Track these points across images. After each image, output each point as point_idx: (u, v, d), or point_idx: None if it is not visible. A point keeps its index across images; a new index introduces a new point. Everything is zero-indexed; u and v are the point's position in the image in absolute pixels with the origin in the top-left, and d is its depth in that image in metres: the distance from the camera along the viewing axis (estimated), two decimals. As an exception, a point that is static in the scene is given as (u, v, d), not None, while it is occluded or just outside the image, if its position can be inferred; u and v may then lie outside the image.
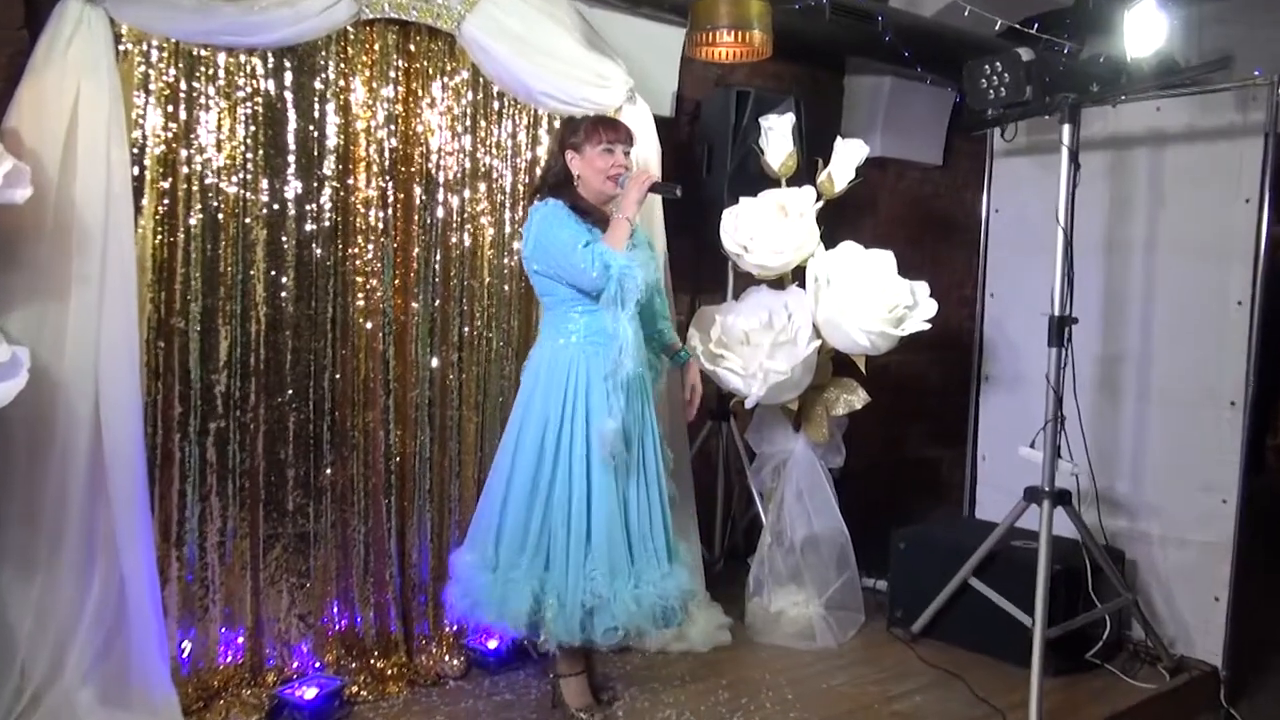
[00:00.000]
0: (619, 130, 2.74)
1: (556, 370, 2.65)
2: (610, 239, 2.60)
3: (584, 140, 2.72)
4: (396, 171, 3.12)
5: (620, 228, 2.61)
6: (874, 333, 3.32)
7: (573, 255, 2.56)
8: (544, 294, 2.72)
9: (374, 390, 3.11)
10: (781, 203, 3.45)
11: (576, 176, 2.73)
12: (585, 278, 2.57)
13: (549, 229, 2.63)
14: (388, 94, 3.08)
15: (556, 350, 2.67)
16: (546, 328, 2.74)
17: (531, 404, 2.68)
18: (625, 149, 2.74)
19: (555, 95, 3.21)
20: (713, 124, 3.84)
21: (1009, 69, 3.23)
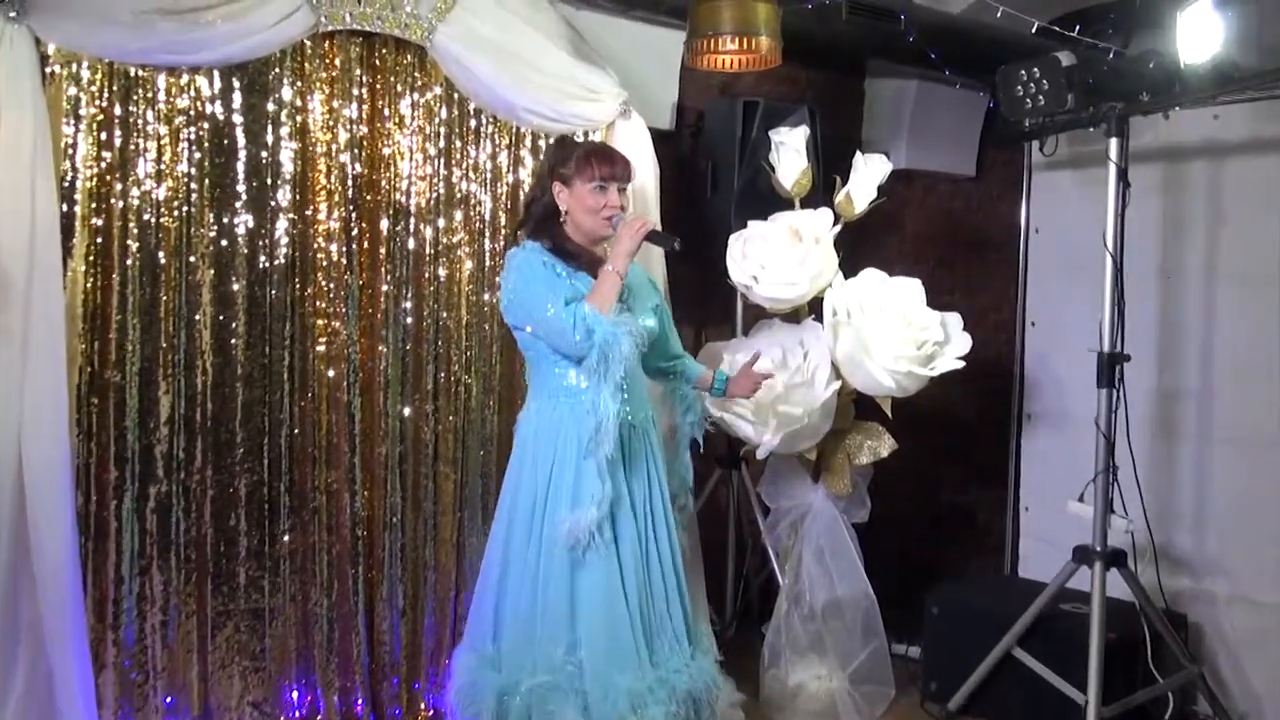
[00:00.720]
0: (615, 164, 2.62)
1: (544, 435, 2.56)
2: (595, 296, 2.49)
3: (574, 173, 2.62)
4: (361, 200, 3.08)
5: (607, 283, 2.50)
6: (900, 373, 3.25)
7: (549, 315, 2.48)
8: (525, 348, 2.64)
9: (337, 446, 3.06)
10: (795, 227, 3.39)
11: (564, 212, 2.64)
12: (564, 341, 2.48)
13: (524, 281, 2.54)
14: (350, 114, 3.04)
15: (544, 412, 2.59)
16: (534, 386, 2.66)
17: (521, 476, 2.59)
18: (621, 186, 2.63)
19: (539, 111, 3.16)
20: (717, 137, 3.80)
21: (1048, 75, 3.16)
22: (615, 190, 2.61)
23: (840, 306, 3.33)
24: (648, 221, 2.61)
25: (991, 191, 4.85)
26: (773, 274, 3.34)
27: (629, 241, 2.55)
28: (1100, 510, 3.09)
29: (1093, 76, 3.11)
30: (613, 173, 2.61)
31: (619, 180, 2.61)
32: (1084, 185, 3.71)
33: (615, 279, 2.51)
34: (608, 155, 2.65)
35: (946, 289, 4.59)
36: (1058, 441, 3.82)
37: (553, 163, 2.67)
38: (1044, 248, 3.92)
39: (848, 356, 3.30)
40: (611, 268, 2.52)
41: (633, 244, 2.55)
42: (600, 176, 2.59)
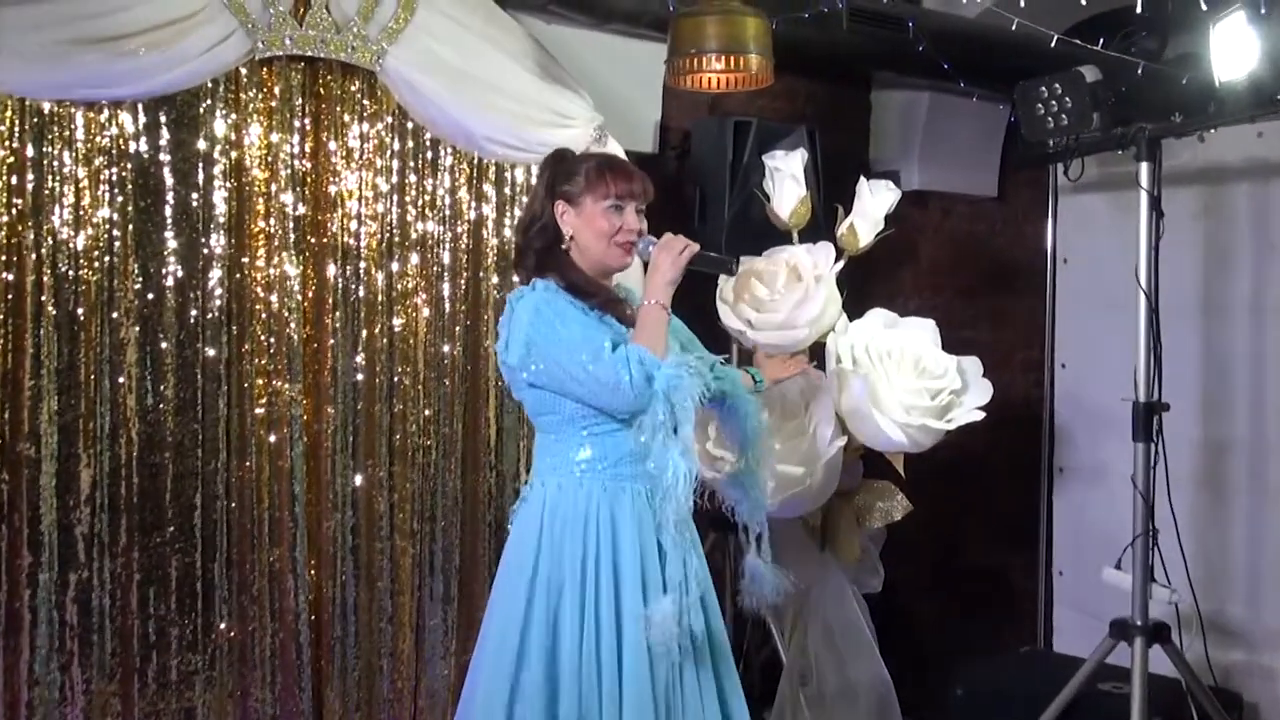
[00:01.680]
0: (633, 179, 2.46)
1: (566, 519, 2.36)
2: (643, 337, 2.31)
3: (583, 190, 2.44)
4: (305, 244, 3.11)
5: (654, 320, 2.33)
6: (913, 426, 3.25)
7: (593, 364, 2.28)
8: (540, 412, 2.43)
9: (280, 521, 3.07)
10: (793, 264, 3.41)
11: (569, 238, 2.45)
12: (616, 395, 2.28)
13: (547, 326, 2.33)
14: (291, 148, 3.07)
15: (562, 491, 2.38)
16: (544, 459, 2.45)
17: (537, 569, 2.35)
18: (640, 206, 2.47)
19: (503, 140, 3.20)
20: (706, 160, 3.82)
21: (1070, 92, 3.21)
22: (633, 210, 2.45)
23: (845, 353, 3.32)
24: (689, 242, 2.43)
25: (1016, 213, 4.89)
26: (769, 320, 3.35)
27: (671, 269, 2.38)
28: (1139, 579, 3.10)
29: (1119, 94, 3.15)
30: (630, 189, 2.44)
31: (637, 199, 2.46)
32: (1117, 210, 3.75)
33: (661, 315, 2.35)
34: (624, 169, 2.50)
35: (967, 322, 4.62)
36: (1093, 498, 3.84)
37: (553, 179, 2.48)
38: (1074, 279, 3.95)
39: (854, 409, 3.30)
40: (653, 300, 2.35)
41: (675, 271, 2.39)
42: (616, 194, 2.42)
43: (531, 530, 2.39)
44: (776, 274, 3.39)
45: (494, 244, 3.41)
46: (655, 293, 2.37)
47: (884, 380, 3.28)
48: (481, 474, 3.38)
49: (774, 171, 3.51)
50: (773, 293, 3.37)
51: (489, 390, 3.40)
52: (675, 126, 3.98)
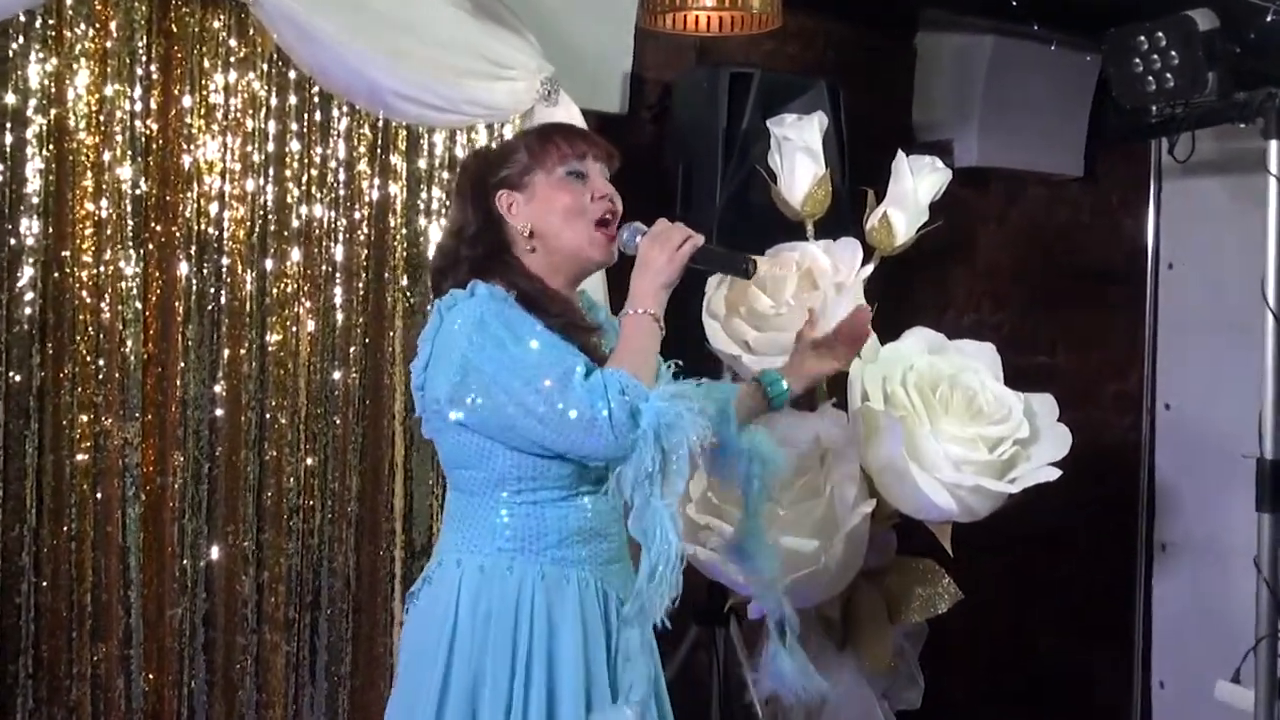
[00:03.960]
0: (586, 137, 2.50)
1: (490, 614, 2.35)
2: (626, 357, 2.30)
3: (527, 166, 2.44)
4: (148, 234, 3.10)
5: (641, 334, 2.32)
6: (964, 488, 3.26)
7: (561, 393, 2.24)
8: (459, 464, 2.40)
9: (108, 607, 3.05)
10: (807, 265, 3.42)
11: (528, 235, 2.43)
12: (590, 436, 2.24)
13: (494, 344, 2.28)
14: (131, 105, 3.06)
15: (485, 576, 2.37)
16: (460, 529, 2.43)
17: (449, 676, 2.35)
18: (604, 168, 2.48)
19: (418, 96, 3.21)
20: (691, 126, 3.84)
21: (1177, 44, 3.23)
22: (599, 173, 2.46)
23: (874, 388, 3.32)
24: (693, 234, 2.41)
25: (1107, 200, 4.90)
26: (773, 339, 3.35)
27: (667, 268, 2.36)
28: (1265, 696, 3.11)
29: (1242, 47, 3.17)
30: (586, 148, 2.45)
31: (601, 159, 2.47)
32: (1239, 200, 3.77)
33: (651, 328, 2.33)
34: (571, 127, 2.55)
35: (1041, 346, 4.64)
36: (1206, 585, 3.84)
37: (479, 174, 2.49)
38: (1183, 290, 3.96)
39: (886, 463, 3.30)
40: (641, 309, 2.32)
41: (672, 271, 2.36)
42: (573, 153, 2.42)
43: (440, 624, 2.36)
44: (784, 280, 3.39)
45: (404, 234, 3.41)
46: (644, 299, 2.33)
47: (926, 425, 3.28)
48: (383, 545, 3.38)
49: (783, 141, 3.51)
50: (779, 305, 3.37)
51: (395, 432, 3.40)
52: (652, 79, 3.99)
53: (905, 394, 3.32)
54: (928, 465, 3.26)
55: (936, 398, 3.32)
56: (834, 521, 3.28)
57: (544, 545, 2.36)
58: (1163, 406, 4.03)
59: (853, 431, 3.35)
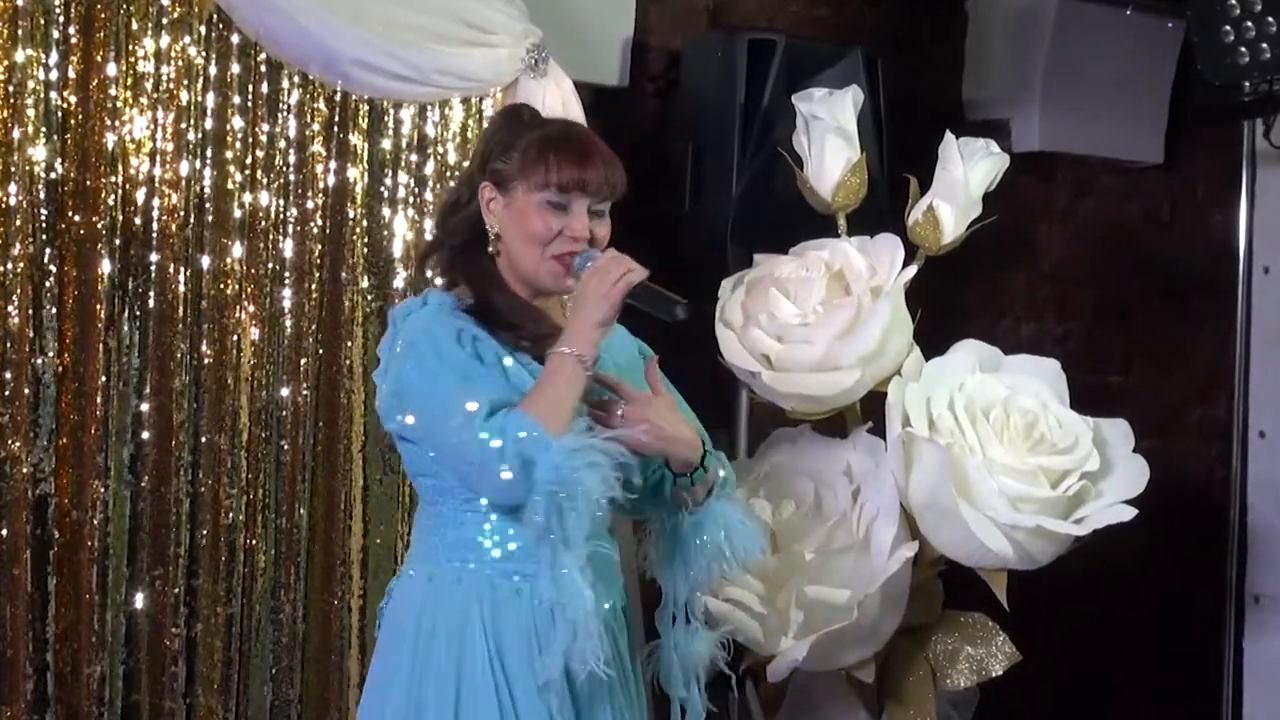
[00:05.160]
0: (588, 166, 2.61)
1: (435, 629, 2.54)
2: (536, 400, 2.47)
3: (518, 169, 2.61)
4: (65, 224, 3.10)
5: (560, 377, 2.49)
6: (1022, 529, 3.24)
7: (460, 432, 2.44)
8: (415, 471, 2.65)
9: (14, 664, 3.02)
10: (839, 266, 3.41)
11: (495, 236, 2.64)
12: (484, 480, 2.46)
13: (426, 365, 2.51)
14: (46, 73, 3.06)
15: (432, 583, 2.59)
16: (417, 539, 2.69)
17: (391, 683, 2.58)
18: (596, 204, 2.63)
19: (381, 65, 3.22)
20: (703, 102, 3.84)
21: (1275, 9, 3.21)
22: (584, 211, 2.60)
23: (917, 411, 3.32)
24: (630, 264, 2.57)
25: (1192, 192, 4.89)
26: (798, 353, 3.34)
27: (601, 305, 2.52)
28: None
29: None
30: (581, 179, 2.58)
31: (594, 194, 2.61)
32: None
33: (574, 371, 2.49)
34: (577, 148, 2.64)
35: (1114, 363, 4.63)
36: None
37: (490, 147, 2.67)
38: None
39: (930, 499, 3.29)
40: (570, 349, 2.49)
41: (606, 308, 2.52)
42: (558, 183, 2.56)
43: (397, 642, 2.58)
44: (811, 283, 3.38)
45: (364, 227, 3.41)
46: (573, 338, 2.50)
47: (978, 455, 3.26)
48: (338, 594, 3.37)
49: (811, 120, 3.50)
50: (804, 312, 3.36)
51: (354, 460, 3.39)
52: (657, 47, 4.01)
53: (953, 418, 3.32)
54: (979, 503, 3.24)
55: (990, 423, 3.30)
56: (869, 569, 3.27)
57: (496, 558, 2.55)
58: (1256, 434, 4.00)
59: (891, 462, 3.34)
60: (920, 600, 3.43)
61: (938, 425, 3.31)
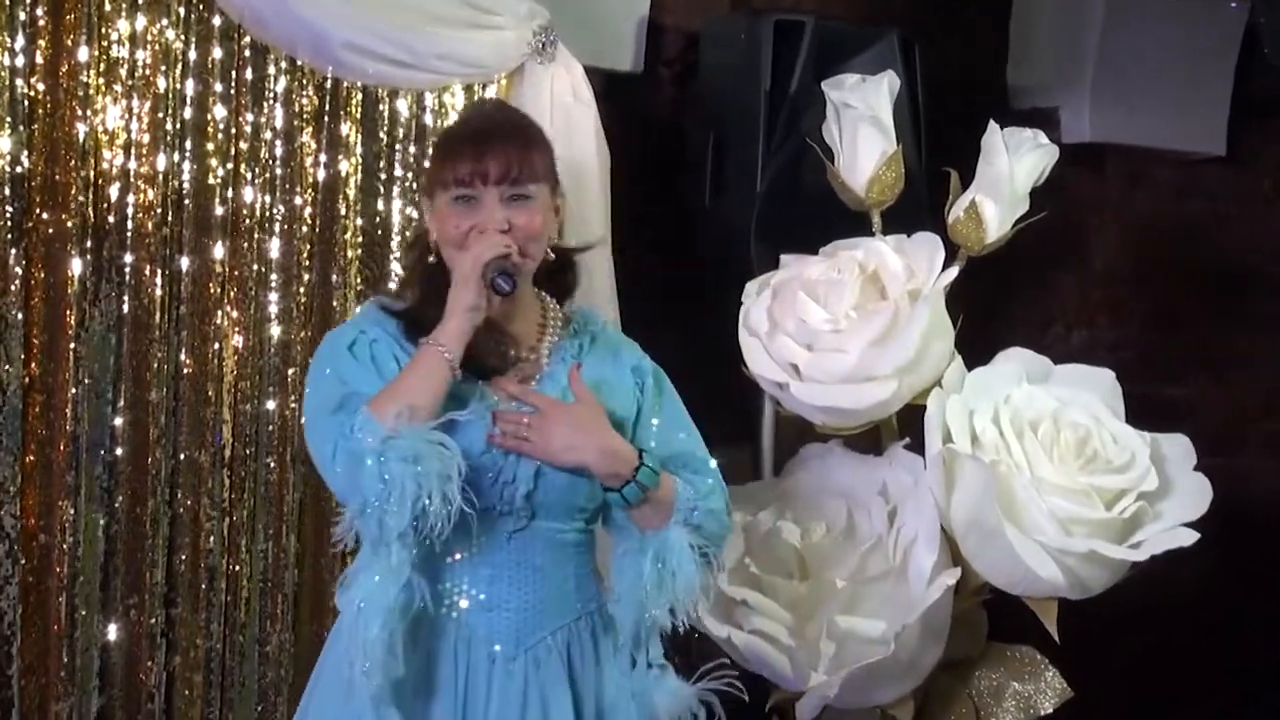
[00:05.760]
0: (486, 153, 2.68)
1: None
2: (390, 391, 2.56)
3: (432, 175, 2.77)
4: (32, 222, 3.10)
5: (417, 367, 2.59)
6: (1074, 554, 3.22)
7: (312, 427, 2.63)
8: None
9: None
10: (873, 268, 3.39)
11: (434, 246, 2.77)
12: (327, 479, 2.60)
13: (314, 367, 2.72)
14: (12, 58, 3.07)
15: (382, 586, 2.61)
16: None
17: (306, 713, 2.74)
18: (512, 191, 2.68)
19: (375, 49, 3.21)
20: (725, 89, 3.84)
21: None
22: (495, 200, 2.67)
23: (958, 425, 3.30)
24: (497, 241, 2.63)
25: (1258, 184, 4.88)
26: (829, 363, 3.33)
27: (463, 288, 2.61)
28: None
29: None
30: (478, 169, 2.66)
31: (499, 181, 2.67)
32: None
33: (433, 361, 2.58)
34: (475, 134, 2.74)
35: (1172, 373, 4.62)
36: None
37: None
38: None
39: (973, 521, 3.27)
40: (431, 340, 2.60)
41: (470, 292, 2.61)
42: (457, 178, 2.66)
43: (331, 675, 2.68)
44: (843, 286, 3.36)
45: (358, 225, 3.42)
46: (440, 327, 2.60)
47: (1026, 473, 3.25)
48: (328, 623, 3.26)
49: (842, 109, 3.49)
50: (836, 318, 3.34)
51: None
52: (674, 28, 4.02)
53: (998, 433, 3.30)
54: (1027, 525, 3.23)
55: (1038, 438, 3.29)
56: (906, 597, 3.26)
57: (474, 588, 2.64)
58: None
59: (930, 481, 3.32)
60: (962, 632, 3.42)
61: (981, 441, 3.30)
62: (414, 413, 2.49)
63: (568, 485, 2.68)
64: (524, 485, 2.63)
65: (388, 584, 2.53)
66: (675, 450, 2.82)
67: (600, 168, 3.42)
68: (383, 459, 2.46)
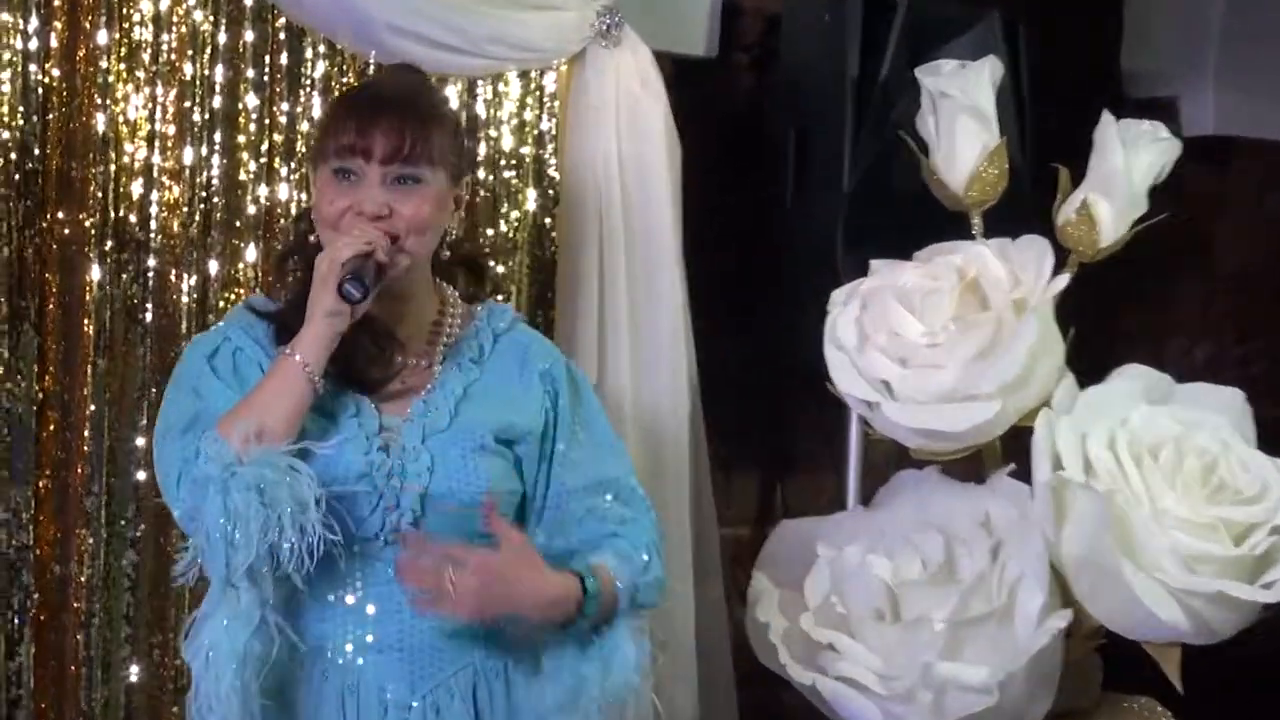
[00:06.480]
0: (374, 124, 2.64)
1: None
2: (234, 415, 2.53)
3: (316, 142, 2.83)
4: (46, 222, 3.12)
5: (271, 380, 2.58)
6: (1200, 595, 3.15)
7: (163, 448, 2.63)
8: None
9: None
10: (973, 275, 3.35)
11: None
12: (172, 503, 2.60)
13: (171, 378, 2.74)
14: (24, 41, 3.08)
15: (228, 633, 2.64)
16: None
17: None
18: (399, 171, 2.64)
19: (424, 33, 3.22)
20: (808, 75, 3.84)
21: None
22: (377, 179, 2.63)
23: (1069, 451, 3.25)
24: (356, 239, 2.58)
25: None
26: (925, 379, 3.29)
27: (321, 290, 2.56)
28: None
29: None
30: (363, 142, 2.60)
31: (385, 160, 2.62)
32: None
33: (290, 372, 2.55)
34: (369, 100, 2.72)
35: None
36: None
37: None
38: None
39: (1086, 557, 3.23)
40: (290, 349, 2.57)
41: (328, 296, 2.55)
42: (336, 146, 2.63)
43: None
44: (940, 295, 3.34)
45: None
46: (299, 336, 2.57)
47: (1145, 505, 3.20)
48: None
49: (938, 99, 3.46)
50: (933, 331, 3.32)
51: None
52: (751, 10, 4.03)
53: (1114, 460, 3.25)
54: (1147, 563, 3.17)
55: (1159, 465, 3.24)
56: (1012, 641, 3.22)
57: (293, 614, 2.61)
58: None
59: (1038, 513, 3.28)
60: (1074, 680, 3.38)
61: (1095, 468, 3.25)
62: (263, 433, 2.47)
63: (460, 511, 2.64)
64: (409, 513, 2.60)
65: (237, 629, 2.51)
66: (599, 476, 2.81)
67: (670, 165, 3.44)
68: (226, 488, 2.43)
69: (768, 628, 3.27)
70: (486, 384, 2.72)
